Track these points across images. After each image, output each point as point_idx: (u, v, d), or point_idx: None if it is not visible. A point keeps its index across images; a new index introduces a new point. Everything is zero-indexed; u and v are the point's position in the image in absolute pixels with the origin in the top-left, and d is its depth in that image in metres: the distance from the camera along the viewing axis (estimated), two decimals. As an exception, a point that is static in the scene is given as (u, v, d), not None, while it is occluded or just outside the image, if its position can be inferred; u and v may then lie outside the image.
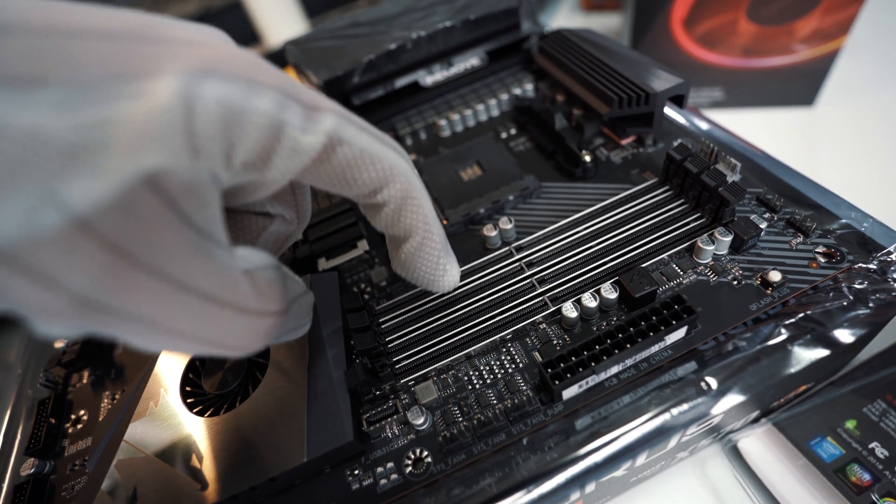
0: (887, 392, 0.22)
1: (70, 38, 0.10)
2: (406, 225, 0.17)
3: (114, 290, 0.11)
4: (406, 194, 0.16)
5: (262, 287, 0.14)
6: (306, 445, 0.17)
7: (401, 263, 0.18)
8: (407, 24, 0.31)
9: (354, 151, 0.14)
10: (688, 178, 0.22)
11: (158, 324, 0.12)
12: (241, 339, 0.14)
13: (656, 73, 0.25)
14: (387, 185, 0.15)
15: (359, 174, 0.15)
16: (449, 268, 0.19)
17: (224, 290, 0.13)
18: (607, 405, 0.18)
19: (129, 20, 0.12)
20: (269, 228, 0.17)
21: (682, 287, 0.20)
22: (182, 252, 0.11)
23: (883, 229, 0.20)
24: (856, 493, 0.20)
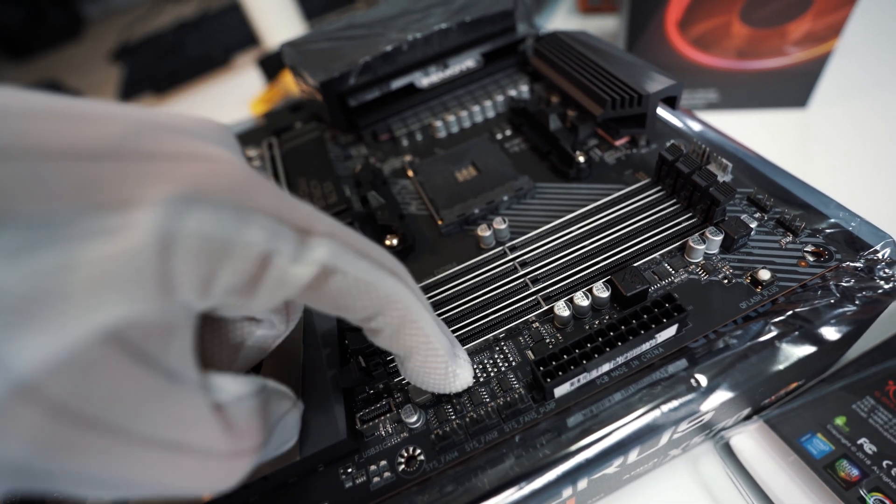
0: (875, 389, 0.22)
1: (39, 159, 0.09)
2: (406, 346, 0.16)
3: (58, 455, 0.09)
4: (403, 320, 0.15)
5: (238, 422, 0.12)
6: (300, 443, 0.17)
7: (409, 377, 0.17)
8: (403, 26, 0.31)
9: (349, 281, 0.13)
10: (679, 179, 0.22)
11: (111, 481, 0.10)
12: (211, 482, 0.12)
13: (649, 74, 0.25)
14: (382, 312, 0.14)
15: (352, 303, 0.13)
16: (459, 371, 0.18)
17: (190, 435, 0.11)
18: (599, 402, 0.18)
19: (111, 127, 0.10)
20: (255, 335, 0.16)
21: (673, 286, 0.21)
22: (145, 403, 0.10)
23: (870, 228, 0.21)
24: (844, 488, 0.20)
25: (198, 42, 0.77)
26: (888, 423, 0.21)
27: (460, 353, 0.18)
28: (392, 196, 0.28)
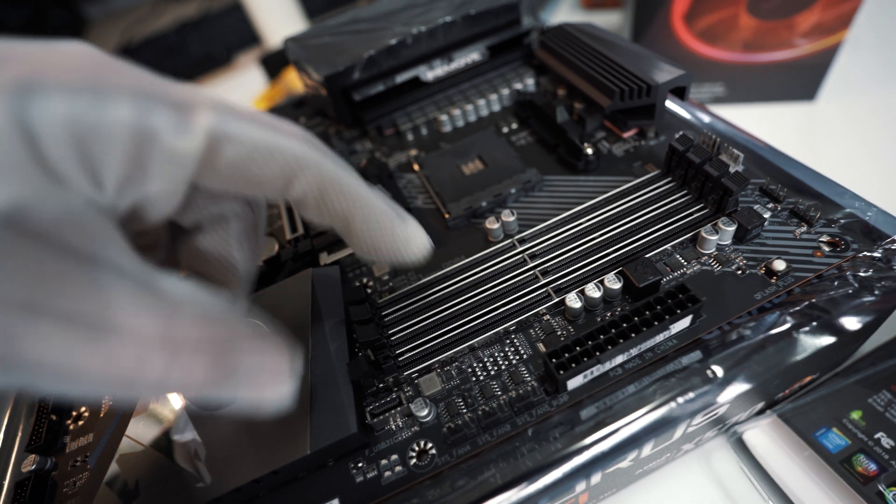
0: (892, 382, 0.22)
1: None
2: (339, 212, 0.15)
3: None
4: (322, 179, 0.14)
5: (182, 321, 0.12)
6: (309, 438, 0.17)
7: (360, 250, 0.17)
8: (407, 20, 0.31)
9: (246, 147, 0.13)
10: (690, 169, 0.22)
11: (49, 366, 0.10)
12: (152, 372, 0.12)
13: (658, 65, 0.25)
14: (295, 177, 0.14)
15: (259, 172, 0.13)
16: (410, 233, 0.17)
17: (116, 317, 0.11)
18: (612, 395, 0.18)
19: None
20: (231, 229, 0.16)
21: (686, 277, 0.20)
22: (60, 284, 0.10)
23: (887, 218, 0.20)
24: (862, 483, 0.19)
25: (199, 42, 0.77)
26: (905, 416, 0.21)
27: (406, 216, 0.17)
28: (398, 190, 0.28)
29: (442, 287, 0.22)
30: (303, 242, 0.25)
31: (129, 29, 0.93)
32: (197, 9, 0.91)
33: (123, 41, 0.88)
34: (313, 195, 0.15)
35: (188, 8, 0.93)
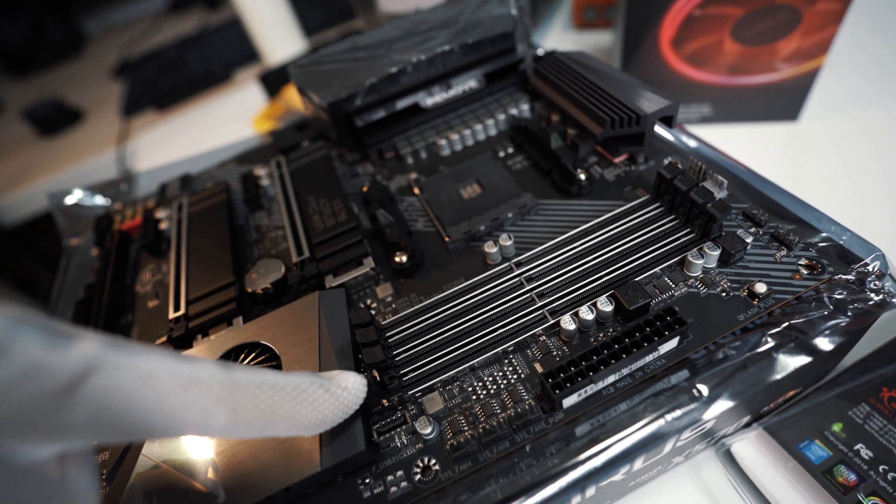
0: (870, 396, 0.23)
1: None
2: (257, 418, 0.14)
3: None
4: (231, 392, 0.14)
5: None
6: (320, 455, 0.18)
7: (310, 431, 0.16)
8: (406, 49, 0.33)
9: (137, 375, 0.12)
10: (677, 196, 0.23)
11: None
12: None
13: (646, 94, 0.27)
14: (196, 403, 0.13)
15: (152, 397, 0.12)
16: (343, 383, 0.17)
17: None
18: (605, 412, 0.19)
19: None
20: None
21: (673, 299, 0.21)
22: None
23: (860, 242, 0.22)
24: (843, 492, 0.20)
25: (199, 58, 0.78)
26: (883, 428, 0.22)
27: (325, 375, 0.17)
28: (400, 213, 0.29)
29: (443, 309, 0.23)
30: (309, 266, 0.26)
31: (127, 44, 0.94)
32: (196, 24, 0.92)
33: (122, 56, 0.89)
34: (224, 417, 0.14)
35: (187, 24, 0.95)
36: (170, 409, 0.13)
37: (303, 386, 0.16)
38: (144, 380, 0.12)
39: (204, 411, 0.13)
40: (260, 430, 0.15)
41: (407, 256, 0.25)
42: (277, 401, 0.15)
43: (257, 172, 0.35)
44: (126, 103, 0.73)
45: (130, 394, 0.12)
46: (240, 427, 0.14)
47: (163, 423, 0.13)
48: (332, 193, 0.29)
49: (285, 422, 0.15)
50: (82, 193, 0.39)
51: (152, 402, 0.13)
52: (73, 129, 0.75)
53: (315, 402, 0.16)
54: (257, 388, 0.15)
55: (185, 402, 0.13)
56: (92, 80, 0.88)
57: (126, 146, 0.64)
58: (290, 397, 0.15)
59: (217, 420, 0.14)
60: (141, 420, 0.13)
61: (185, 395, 0.13)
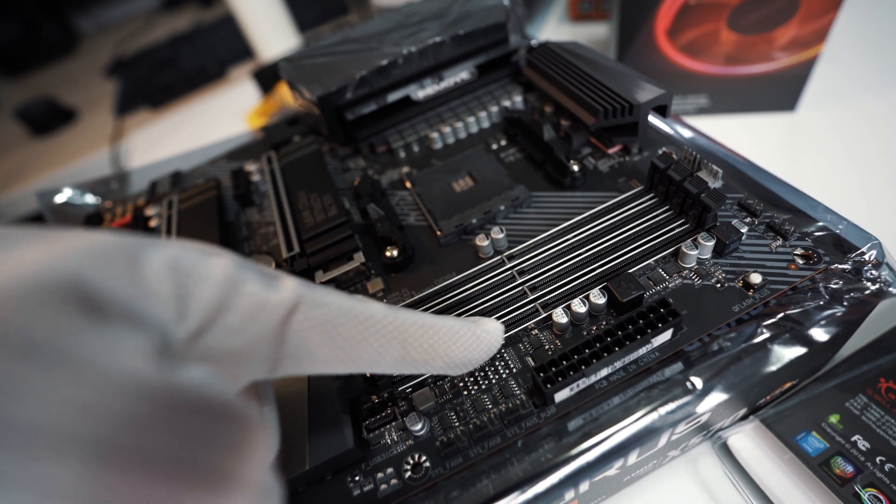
0: (867, 387, 0.23)
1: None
2: (421, 355, 0.16)
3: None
4: (401, 331, 0.15)
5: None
6: (308, 453, 0.18)
7: (459, 370, 0.17)
8: (397, 41, 0.32)
9: (329, 312, 0.14)
10: (671, 186, 0.23)
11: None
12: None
13: (640, 84, 0.26)
14: (375, 339, 0.15)
15: (341, 333, 0.14)
16: (485, 325, 0.18)
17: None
18: (598, 406, 0.18)
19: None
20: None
21: (667, 291, 0.21)
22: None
23: (856, 231, 0.21)
24: (840, 484, 0.20)
25: (192, 55, 0.78)
26: (880, 419, 0.22)
27: (470, 319, 0.18)
28: (391, 208, 0.28)
29: (435, 303, 0.23)
30: (299, 261, 0.25)
31: (121, 43, 0.93)
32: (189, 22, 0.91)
33: (116, 55, 0.89)
34: (395, 353, 0.15)
35: (181, 21, 0.94)
36: (353, 344, 0.14)
37: (455, 328, 0.17)
38: (335, 316, 0.14)
39: (380, 348, 0.15)
40: (421, 366, 0.16)
41: (398, 251, 0.25)
42: (437, 340, 0.16)
43: (248, 168, 0.35)
44: (119, 102, 0.73)
45: (324, 328, 0.14)
46: (406, 362, 0.16)
47: (346, 357, 0.15)
48: (322, 188, 0.29)
49: (441, 360, 0.16)
50: (72, 192, 0.38)
51: (341, 337, 0.14)
52: (67, 128, 0.74)
53: (466, 343, 0.17)
54: (420, 329, 0.16)
55: (366, 339, 0.15)
56: (85, 78, 0.87)
57: (120, 145, 0.64)
58: (446, 337, 0.16)
59: (389, 355, 0.15)
60: (330, 353, 0.14)
61: (365, 333, 0.15)
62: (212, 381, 0.12)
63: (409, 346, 0.16)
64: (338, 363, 0.15)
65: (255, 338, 0.13)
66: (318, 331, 0.14)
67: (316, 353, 0.14)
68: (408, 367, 0.16)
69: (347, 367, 0.15)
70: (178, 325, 0.12)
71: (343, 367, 0.15)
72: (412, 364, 0.16)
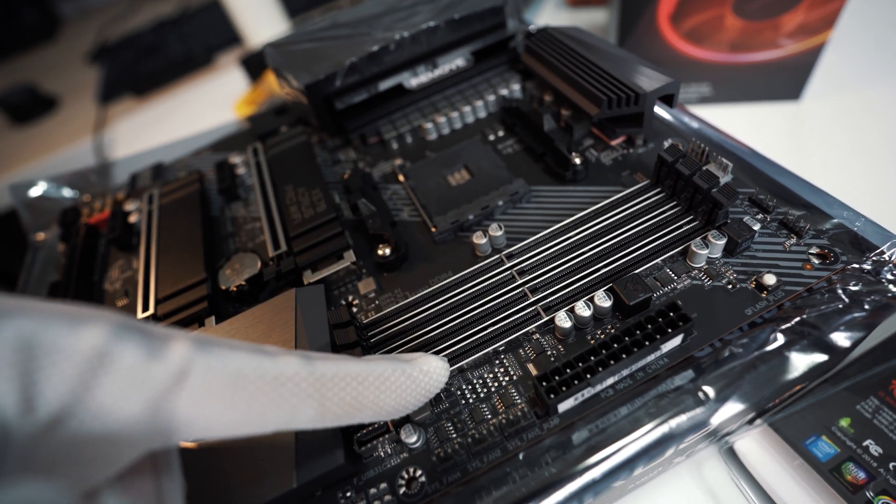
0: (879, 389, 0.22)
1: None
2: (344, 409, 0.14)
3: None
4: (317, 386, 0.14)
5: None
6: (295, 470, 0.17)
7: (392, 416, 0.16)
8: (389, 25, 0.30)
9: (228, 374, 0.12)
10: (680, 180, 0.22)
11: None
12: None
13: (645, 72, 0.25)
14: (285, 399, 0.13)
15: (244, 398, 0.13)
16: (424, 367, 0.16)
17: None
18: (604, 417, 0.17)
19: None
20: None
21: (676, 292, 0.20)
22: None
23: (875, 228, 0.20)
24: (851, 491, 0.19)
25: (178, 41, 0.75)
26: (893, 423, 0.21)
27: (405, 358, 0.17)
28: (383, 202, 0.27)
29: (429, 305, 0.22)
30: (286, 260, 0.24)
31: (104, 28, 0.90)
32: (174, 6, 0.88)
33: (99, 41, 0.86)
34: (312, 412, 0.14)
35: (165, 6, 0.91)
36: (259, 408, 0.13)
37: (385, 374, 0.15)
38: (235, 380, 0.12)
39: (292, 408, 0.13)
40: (344, 419, 0.15)
41: (390, 249, 0.24)
42: (361, 391, 0.15)
43: (233, 160, 0.33)
44: (103, 90, 0.70)
45: (222, 394, 0.12)
46: (326, 419, 0.14)
47: (252, 421, 0.13)
48: (311, 182, 0.27)
49: (370, 410, 0.15)
50: (47, 185, 0.36)
51: (243, 402, 0.13)
52: (48, 116, 0.72)
53: (398, 390, 0.16)
54: (342, 381, 0.14)
55: (274, 401, 0.13)
56: (67, 65, 0.84)
57: (103, 135, 0.62)
58: (373, 387, 0.15)
59: (304, 415, 0.14)
60: (231, 419, 0.13)
61: (273, 395, 0.13)
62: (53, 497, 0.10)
63: (328, 401, 0.14)
64: (243, 427, 0.13)
65: (132, 417, 0.11)
66: (215, 398, 0.12)
67: (213, 421, 0.12)
68: (330, 423, 0.14)
69: (255, 430, 0.13)
70: (24, 419, 0.10)
71: (250, 430, 0.13)
72: (335, 419, 0.14)
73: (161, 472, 0.14)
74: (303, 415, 0.14)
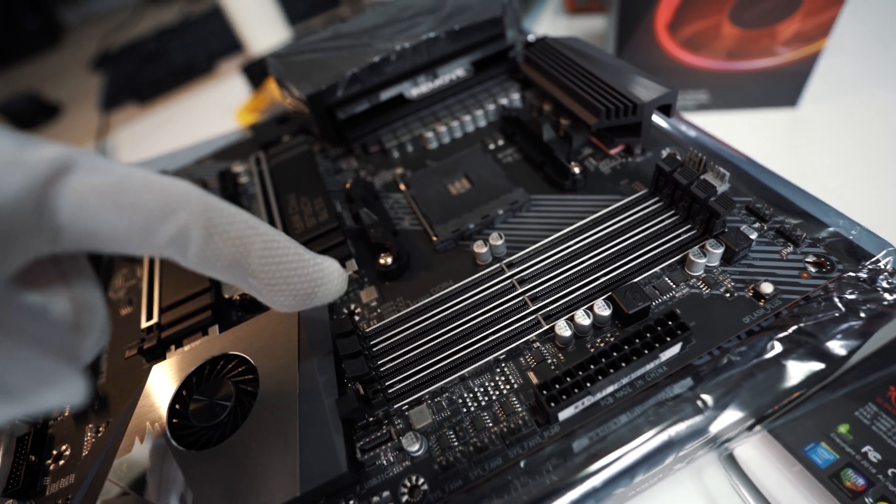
0: (877, 395, 0.22)
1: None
2: (234, 245, 0.14)
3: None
4: (210, 211, 0.13)
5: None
6: (299, 478, 0.17)
7: (264, 292, 0.15)
8: (390, 36, 0.31)
9: (107, 176, 0.12)
10: (678, 190, 0.22)
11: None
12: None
13: (643, 82, 0.25)
14: (177, 209, 0.13)
15: (134, 199, 0.12)
16: (323, 262, 0.16)
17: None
18: (604, 425, 0.18)
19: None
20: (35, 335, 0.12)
21: (675, 301, 0.20)
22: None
23: (871, 237, 0.20)
24: (851, 498, 0.20)
25: (180, 49, 0.76)
26: (892, 429, 0.21)
27: (312, 253, 0.16)
28: (385, 211, 0.27)
29: (430, 314, 0.22)
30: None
31: (107, 35, 0.91)
32: (177, 14, 0.89)
33: (101, 48, 0.86)
34: (201, 230, 0.13)
35: (168, 13, 0.92)
36: (146, 218, 0.12)
37: (278, 238, 0.15)
38: (120, 184, 0.12)
39: (181, 226, 0.13)
40: (227, 261, 0.14)
41: (392, 258, 0.24)
42: (249, 235, 0.14)
43: (236, 169, 0.33)
44: (105, 97, 0.71)
45: (107, 194, 0.12)
46: (208, 255, 0.13)
47: (139, 232, 0.12)
48: (313, 191, 0.27)
49: (254, 263, 0.14)
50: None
51: (127, 205, 0.12)
52: (51, 124, 0.72)
53: (286, 261, 0.15)
54: (231, 217, 0.14)
55: (161, 212, 0.12)
56: (70, 72, 0.85)
57: (106, 142, 0.62)
58: (261, 239, 0.14)
59: (193, 238, 0.13)
60: (116, 223, 0.12)
61: (160, 203, 0.12)
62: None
63: (214, 233, 0.13)
64: (129, 237, 0.12)
65: (9, 204, 0.11)
66: (98, 196, 0.12)
67: (98, 222, 0.12)
68: (215, 263, 0.14)
69: (141, 244, 0.12)
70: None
71: (138, 244, 0.12)
72: (217, 253, 0.14)
73: (71, 276, 0.13)
74: (191, 239, 0.13)
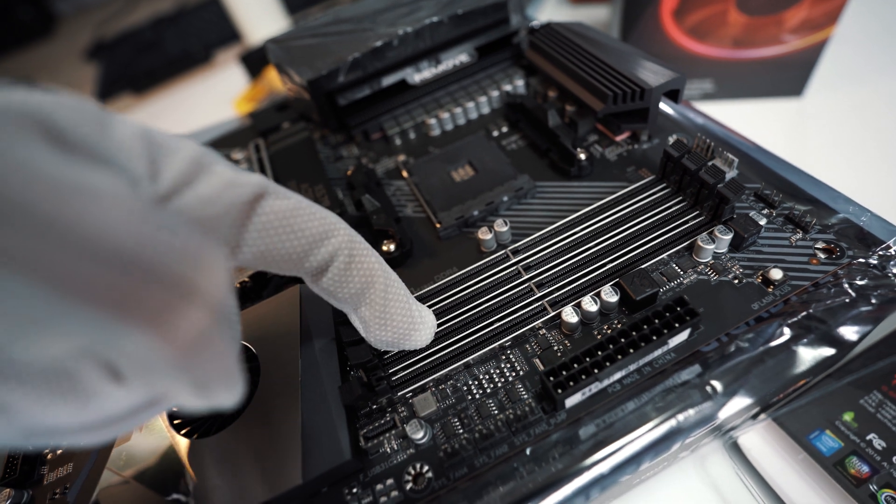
0: (882, 383, 0.22)
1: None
2: (362, 276, 0.17)
3: None
4: (352, 243, 0.16)
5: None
6: (301, 466, 0.17)
7: (370, 323, 0.18)
8: (392, 20, 0.30)
9: (291, 203, 0.15)
10: (686, 176, 0.22)
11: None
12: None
13: (651, 67, 0.25)
14: (329, 235, 0.16)
15: (302, 224, 0.15)
16: (424, 312, 0.19)
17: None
18: (612, 412, 0.17)
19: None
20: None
21: (683, 287, 0.20)
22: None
23: (881, 223, 0.20)
24: (855, 485, 0.20)
25: (176, 38, 0.75)
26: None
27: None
28: (387, 198, 0.27)
29: (434, 301, 0.22)
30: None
31: (101, 24, 0.90)
32: (172, 3, 0.88)
33: (96, 38, 0.85)
34: (344, 255, 0.16)
35: (163, 2, 0.90)
36: (308, 241, 0.15)
37: (395, 277, 0.18)
38: (295, 209, 0.15)
39: (332, 251, 0.16)
40: (355, 293, 0.17)
41: (395, 245, 0.23)
42: (377, 270, 0.17)
43: (235, 157, 0.33)
44: (100, 87, 0.70)
45: (286, 218, 0.15)
46: (342, 281, 0.16)
47: (300, 252, 0.15)
48: (314, 178, 0.27)
49: (376, 296, 0.17)
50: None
51: (299, 230, 0.15)
52: (46, 114, 0.71)
53: (400, 301, 0.18)
54: (368, 250, 0.17)
55: (322, 237, 0.15)
56: (64, 62, 0.84)
57: (101, 132, 0.61)
58: (384, 276, 0.17)
59: (335, 264, 0.16)
60: (287, 246, 0.15)
61: (322, 231, 0.15)
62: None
63: (356, 251, 0.16)
64: (292, 259, 0.15)
65: (223, 211, 0.13)
66: (284, 219, 0.15)
67: (276, 243, 0.15)
68: (355, 279, 0.16)
69: (295, 267, 0.15)
70: (150, 184, 0.12)
71: (293, 266, 0.15)
72: (359, 273, 0.16)
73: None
74: (335, 259, 0.16)
